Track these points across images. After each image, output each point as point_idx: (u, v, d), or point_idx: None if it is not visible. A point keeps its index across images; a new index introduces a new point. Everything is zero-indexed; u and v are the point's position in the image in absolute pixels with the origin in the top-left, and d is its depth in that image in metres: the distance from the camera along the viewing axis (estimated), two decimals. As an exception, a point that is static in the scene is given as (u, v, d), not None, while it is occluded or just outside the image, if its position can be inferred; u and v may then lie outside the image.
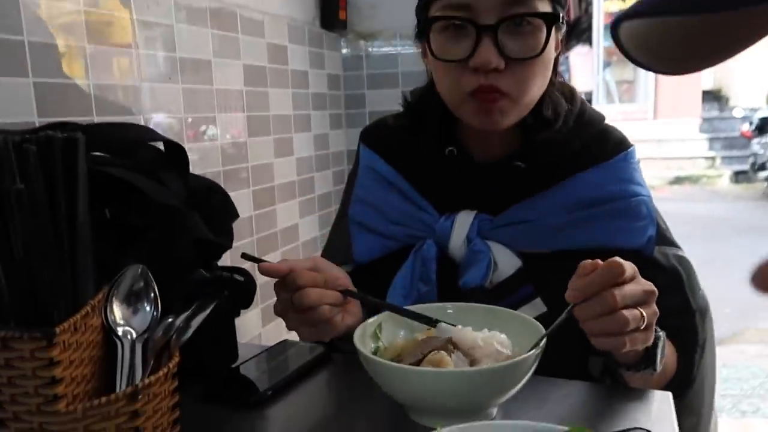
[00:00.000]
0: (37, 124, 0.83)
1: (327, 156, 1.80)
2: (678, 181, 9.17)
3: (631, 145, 0.84)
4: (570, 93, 0.83)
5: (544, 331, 0.62)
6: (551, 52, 0.76)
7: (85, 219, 0.52)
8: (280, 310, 0.73)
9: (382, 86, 1.84)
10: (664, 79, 10.07)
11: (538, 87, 0.76)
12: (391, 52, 1.83)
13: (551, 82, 0.79)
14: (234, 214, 0.79)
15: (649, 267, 0.77)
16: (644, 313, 0.60)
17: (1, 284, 0.47)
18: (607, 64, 10.05)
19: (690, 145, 9.79)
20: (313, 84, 1.69)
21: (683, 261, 0.80)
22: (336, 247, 0.94)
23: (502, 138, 0.81)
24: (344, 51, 1.87)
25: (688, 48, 0.32)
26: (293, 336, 0.81)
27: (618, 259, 0.60)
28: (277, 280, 0.72)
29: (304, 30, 1.65)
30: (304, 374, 0.75)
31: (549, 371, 0.64)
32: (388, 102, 1.81)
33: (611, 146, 0.83)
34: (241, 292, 0.79)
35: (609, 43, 10.25)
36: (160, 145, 0.72)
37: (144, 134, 0.73)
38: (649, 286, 0.62)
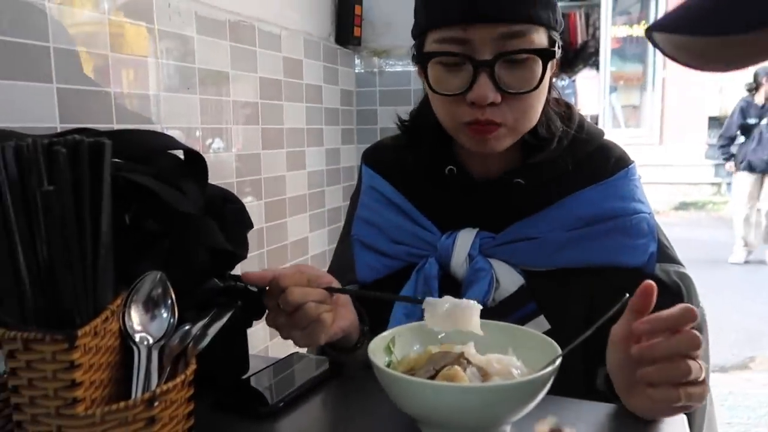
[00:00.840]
0: (59, 129, 0.84)
1: (338, 170, 1.81)
2: (683, 206, 9.15)
3: (632, 161, 0.84)
4: (567, 108, 0.84)
5: (559, 350, 0.62)
6: (547, 80, 0.76)
7: (109, 224, 0.52)
8: (271, 319, 0.73)
9: (394, 103, 1.86)
10: (669, 104, 10.10)
11: (534, 115, 0.77)
12: (403, 69, 1.85)
13: (547, 101, 0.80)
14: (249, 225, 0.79)
15: None
16: (702, 365, 0.59)
17: (25, 286, 0.47)
18: (613, 89, 10.10)
19: (695, 171, 9.79)
20: (326, 99, 1.70)
21: (685, 278, 0.80)
22: (340, 268, 0.94)
23: (500, 156, 0.82)
24: (358, 67, 1.88)
25: (724, 55, 0.33)
26: (303, 349, 0.80)
27: (695, 332, 0.59)
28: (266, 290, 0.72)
29: (320, 45, 1.67)
30: (315, 387, 0.75)
31: (554, 388, 0.64)
32: (400, 119, 1.83)
33: (612, 163, 0.83)
34: (254, 303, 0.79)
35: (616, 67, 10.32)
36: (180, 154, 0.73)
37: (165, 142, 0.73)
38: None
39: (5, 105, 0.81)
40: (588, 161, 0.82)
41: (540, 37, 0.72)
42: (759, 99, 5.26)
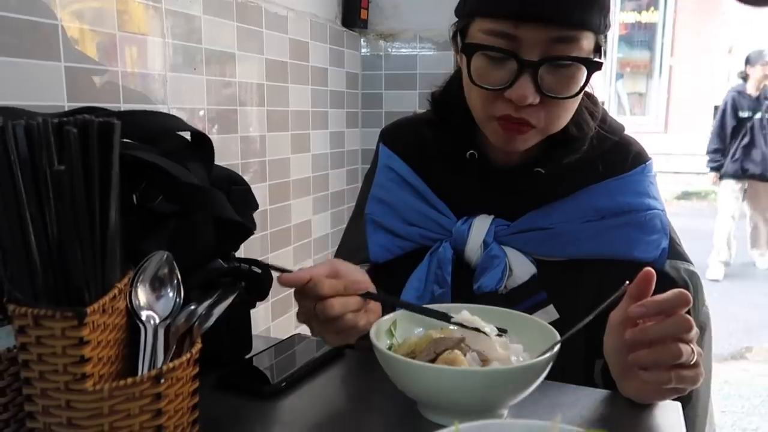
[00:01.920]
0: (67, 108, 0.84)
1: (342, 154, 1.81)
2: (686, 196, 9.13)
3: (649, 158, 0.85)
4: (593, 101, 0.84)
5: (558, 337, 0.63)
6: (587, 87, 0.75)
7: (117, 203, 0.53)
8: (304, 320, 0.71)
9: (400, 87, 1.85)
10: (676, 92, 10.04)
11: (566, 119, 0.76)
12: (410, 53, 1.84)
13: (581, 100, 0.79)
14: (254, 206, 0.80)
15: (660, 280, 0.78)
16: (695, 348, 0.60)
17: (36, 264, 0.48)
18: (619, 76, 10.02)
19: (700, 161, 9.74)
20: (332, 81, 1.70)
21: (693, 276, 0.81)
22: (351, 246, 0.94)
23: None
24: (364, 50, 1.88)
25: None
26: (305, 330, 0.81)
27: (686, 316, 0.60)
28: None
29: (326, 27, 1.66)
30: (317, 368, 0.76)
31: (554, 375, 0.65)
32: (405, 103, 1.83)
33: (630, 158, 0.83)
34: (258, 284, 0.80)
35: (623, 54, 10.23)
36: (187, 135, 0.73)
37: (172, 123, 0.74)
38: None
39: (14, 83, 0.81)
40: (607, 155, 0.83)
41: (589, 43, 0.71)
42: (751, 89, 4.42)
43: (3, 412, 0.54)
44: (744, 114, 4.41)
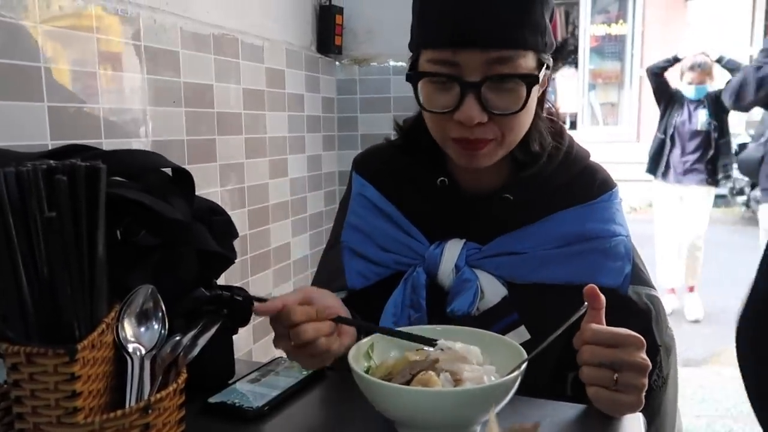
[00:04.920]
0: (50, 147, 0.86)
1: (319, 176, 1.84)
2: (659, 203, 9.29)
3: (615, 185, 0.89)
4: (559, 131, 0.87)
5: (525, 355, 0.67)
6: (534, 101, 0.78)
7: (104, 242, 0.55)
8: (279, 344, 0.74)
9: (374, 110, 1.90)
10: (647, 102, 10.24)
11: (521, 130, 0.79)
12: (383, 77, 1.89)
13: (537, 115, 0.82)
14: (235, 234, 0.83)
15: (623, 305, 0.82)
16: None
17: (27, 303, 0.51)
18: (592, 87, 10.22)
19: (671, 169, 9.90)
20: (308, 106, 1.74)
21: (655, 300, 0.85)
22: (328, 274, 0.96)
23: (491, 170, 0.84)
24: (339, 75, 1.92)
25: None
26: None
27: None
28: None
29: (302, 55, 1.70)
30: (299, 390, 0.78)
31: (525, 387, 0.68)
32: (380, 125, 1.87)
33: (597, 185, 0.87)
34: (239, 311, 0.82)
35: (594, 65, 10.44)
36: (170, 171, 0.76)
37: (154, 160, 0.76)
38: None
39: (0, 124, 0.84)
40: (574, 182, 0.86)
41: (528, 61, 0.74)
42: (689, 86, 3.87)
43: (-5, 447, 0.56)
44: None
